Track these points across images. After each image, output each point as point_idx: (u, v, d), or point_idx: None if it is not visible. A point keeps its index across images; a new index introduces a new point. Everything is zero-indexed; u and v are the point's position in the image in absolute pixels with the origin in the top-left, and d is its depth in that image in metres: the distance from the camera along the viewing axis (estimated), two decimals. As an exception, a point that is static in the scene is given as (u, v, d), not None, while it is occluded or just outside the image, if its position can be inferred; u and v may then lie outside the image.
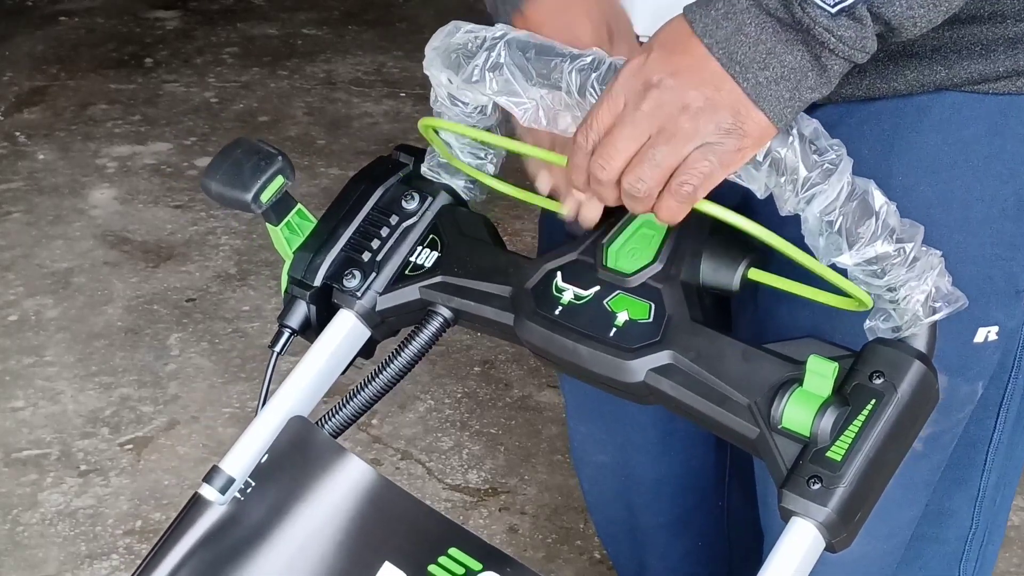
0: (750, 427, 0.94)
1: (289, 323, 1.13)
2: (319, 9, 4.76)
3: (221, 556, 1.03)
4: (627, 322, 1.00)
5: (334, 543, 1.02)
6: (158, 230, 3.32)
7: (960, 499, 1.30)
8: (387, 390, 1.12)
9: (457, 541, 1.00)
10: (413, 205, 1.11)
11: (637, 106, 0.89)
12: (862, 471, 0.90)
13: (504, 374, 2.78)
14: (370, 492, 1.03)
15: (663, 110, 0.88)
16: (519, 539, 2.34)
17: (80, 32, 4.53)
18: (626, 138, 0.90)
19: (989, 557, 1.37)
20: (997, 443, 1.27)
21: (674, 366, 0.98)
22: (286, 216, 1.12)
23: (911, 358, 0.93)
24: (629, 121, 0.89)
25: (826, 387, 0.91)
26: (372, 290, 1.10)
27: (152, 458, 2.52)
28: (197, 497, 1.06)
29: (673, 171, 0.90)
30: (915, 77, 1.06)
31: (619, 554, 1.57)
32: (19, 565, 2.27)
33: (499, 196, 1.14)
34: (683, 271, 1.01)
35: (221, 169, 1.10)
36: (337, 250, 1.11)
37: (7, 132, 3.81)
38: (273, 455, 1.06)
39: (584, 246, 1.04)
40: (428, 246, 1.10)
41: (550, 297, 1.03)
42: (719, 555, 1.54)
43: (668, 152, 0.89)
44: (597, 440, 1.43)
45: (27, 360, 2.80)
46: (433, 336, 1.09)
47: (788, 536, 0.92)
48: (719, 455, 1.45)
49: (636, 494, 1.45)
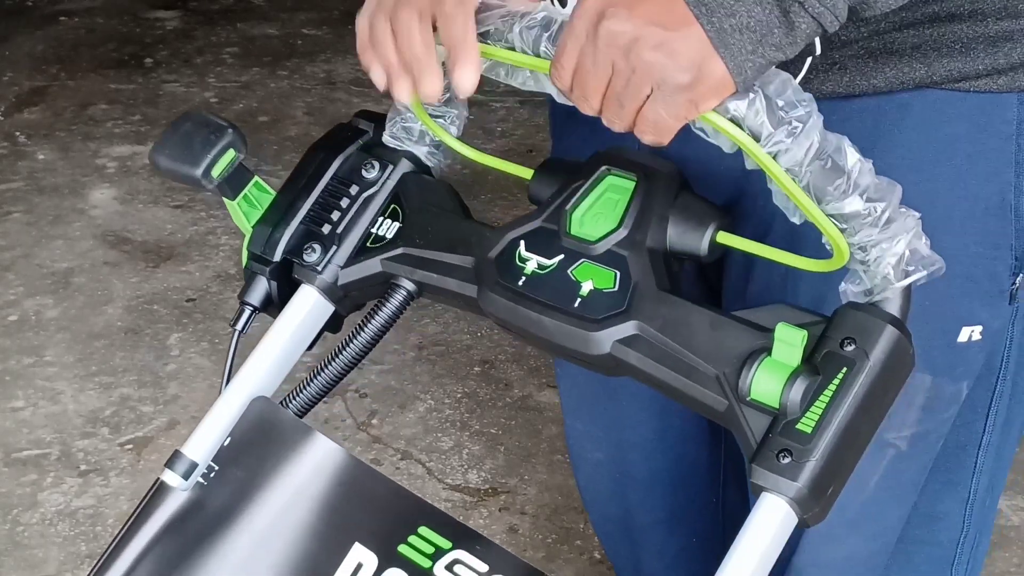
0: (719, 399, 0.91)
1: (250, 300, 1.10)
2: (319, 9, 4.76)
3: (186, 543, 1.01)
4: (592, 292, 0.96)
5: (302, 525, 1.00)
6: (158, 230, 3.32)
7: (951, 502, 1.29)
8: (351, 367, 1.08)
9: (426, 520, 0.98)
10: (374, 174, 1.07)
11: (594, 40, 0.87)
12: (834, 443, 0.87)
13: (504, 374, 2.78)
14: (338, 472, 1.01)
15: (618, 42, 0.87)
16: (519, 539, 2.34)
17: (80, 32, 4.53)
18: (593, 76, 0.88)
19: (980, 558, 1.37)
20: (987, 445, 1.27)
21: (640, 336, 0.94)
22: (242, 189, 1.09)
23: (883, 323, 0.89)
24: (591, 59, 0.88)
25: (795, 356, 0.88)
26: (333, 264, 1.06)
27: (152, 458, 2.52)
28: (159, 483, 1.03)
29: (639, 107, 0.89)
30: (895, 75, 1.06)
31: (616, 551, 1.57)
32: (19, 565, 2.27)
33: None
34: (649, 236, 0.97)
35: (170, 144, 1.07)
36: (296, 223, 1.08)
37: (7, 132, 3.81)
38: (236, 437, 1.03)
39: (547, 213, 1.00)
40: (389, 216, 1.07)
41: (513, 267, 0.99)
42: (715, 552, 1.54)
43: (628, 95, 0.88)
44: (593, 437, 1.43)
45: (27, 360, 2.80)
46: (396, 310, 1.06)
47: (759, 512, 0.89)
48: (714, 452, 1.45)
49: (631, 491, 1.45)
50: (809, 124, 0.87)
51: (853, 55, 1.05)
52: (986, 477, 1.29)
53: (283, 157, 3.62)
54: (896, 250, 0.89)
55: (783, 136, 0.86)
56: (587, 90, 0.89)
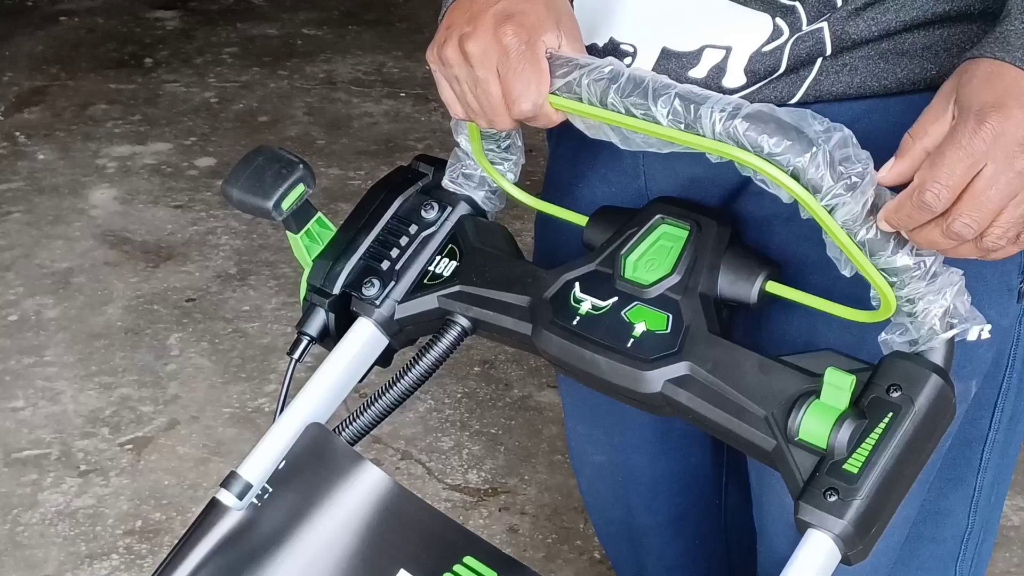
0: (767, 439, 0.94)
1: (308, 331, 1.13)
2: (319, 9, 4.76)
3: (237, 561, 1.03)
4: (645, 333, 0.99)
5: (350, 550, 1.02)
6: (158, 230, 3.32)
7: (956, 498, 1.30)
8: (404, 398, 1.12)
9: (472, 550, 1.00)
10: (432, 215, 1.11)
11: (1012, 165, 0.87)
12: (879, 484, 0.90)
13: (504, 374, 2.78)
14: (386, 500, 1.04)
15: None
16: (519, 539, 2.34)
17: (80, 32, 4.53)
18: (1000, 197, 0.87)
19: (984, 555, 1.37)
20: (992, 441, 1.27)
21: (691, 377, 0.97)
22: (306, 224, 1.13)
23: (929, 372, 0.93)
24: (1003, 179, 0.87)
25: (843, 399, 0.91)
26: (391, 298, 1.10)
27: (152, 458, 2.52)
28: (215, 502, 1.06)
29: None
30: (906, 75, 1.06)
31: (618, 554, 1.57)
32: (19, 565, 2.27)
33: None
34: (701, 283, 1.00)
35: (243, 176, 1.11)
36: (356, 258, 1.12)
37: (7, 132, 3.81)
38: (290, 461, 1.06)
39: (602, 257, 1.04)
40: (447, 255, 1.11)
41: (568, 307, 1.03)
42: (717, 555, 1.54)
43: None
44: (595, 440, 1.43)
45: (27, 360, 2.80)
46: (451, 345, 1.09)
47: (804, 548, 0.92)
48: (716, 455, 1.45)
49: (634, 494, 1.45)
50: (867, 180, 0.89)
51: (864, 56, 1.05)
52: (991, 474, 1.29)
53: (283, 157, 3.62)
54: (942, 303, 0.92)
55: (841, 190, 0.88)
56: (986, 211, 0.88)
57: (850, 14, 1.03)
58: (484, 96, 0.99)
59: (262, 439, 1.09)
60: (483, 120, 1.02)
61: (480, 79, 0.98)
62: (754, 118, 0.88)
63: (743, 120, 0.88)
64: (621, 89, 0.94)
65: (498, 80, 0.98)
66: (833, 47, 1.05)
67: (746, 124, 0.88)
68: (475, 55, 0.97)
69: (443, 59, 1.00)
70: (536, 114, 0.98)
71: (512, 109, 0.98)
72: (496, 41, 0.97)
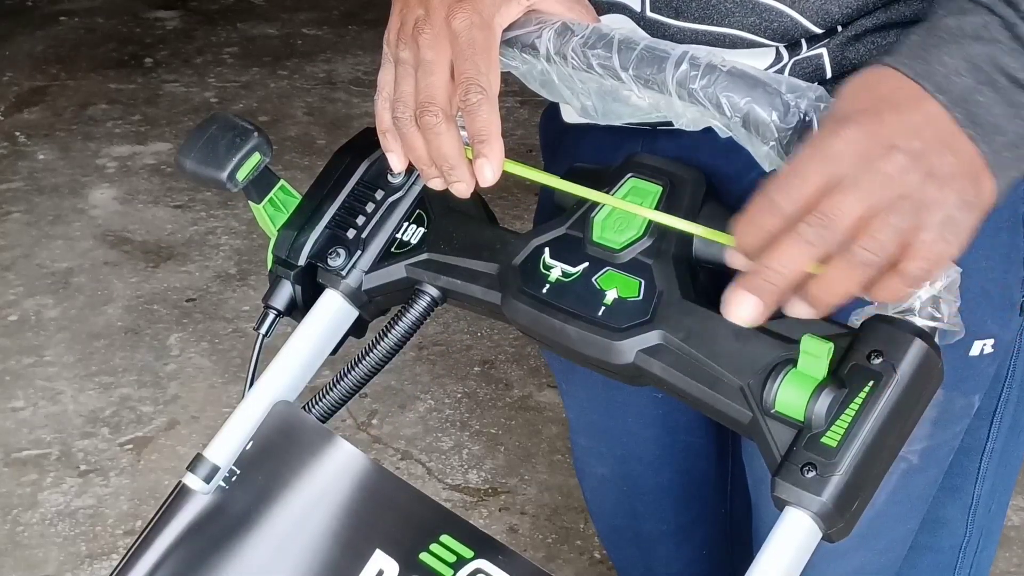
0: (743, 411, 0.90)
1: (274, 304, 1.09)
2: (319, 9, 4.76)
3: (207, 546, 1.01)
4: (616, 300, 0.95)
5: (323, 530, 1.00)
6: (158, 230, 3.32)
7: (954, 508, 1.29)
8: (375, 372, 1.08)
9: (449, 528, 0.97)
10: (399, 179, 1.07)
11: (875, 168, 0.79)
12: (859, 458, 0.85)
13: (504, 374, 2.78)
14: (360, 477, 1.01)
15: (909, 176, 0.79)
16: (519, 539, 2.34)
17: (80, 32, 4.53)
18: (857, 200, 0.79)
19: (984, 565, 1.36)
20: (991, 451, 1.26)
21: (664, 346, 0.93)
22: (268, 193, 1.08)
23: (912, 336, 0.87)
24: (865, 182, 0.79)
25: (821, 368, 0.86)
26: (358, 268, 1.06)
27: (152, 458, 2.52)
28: (181, 486, 1.02)
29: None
30: None
31: (624, 561, 1.57)
32: (19, 565, 2.27)
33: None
34: (675, 245, 0.96)
35: (196, 147, 1.06)
36: (322, 227, 1.07)
37: (7, 132, 3.81)
38: (258, 442, 1.03)
39: (572, 220, 0.99)
40: (415, 221, 1.06)
41: (537, 275, 0.98)
42: (723, 562, 1.54)
43: (912, 223, 0.79)
44: (597, 453, 1.42)
45: (27, 360, 2.80)
46: (421, 316, 1.05)
47: (782, 526, 0.87)
48: (720, 465, 1.44)
49: (639, 503, 1.45)
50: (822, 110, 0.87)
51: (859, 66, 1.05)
52: (989, 483, 1.29)
53: (283, 157, 3.62)
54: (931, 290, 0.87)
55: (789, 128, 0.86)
56: (842, 213, 0.79)
57: (849, 40, 1.03)
58: (436, 145, 0.94)
59: (228, 419, 1.05)
60: (435, 173, 0.98)
61: (431, 125, 0.93)
62: (713, 70, 0.88)
63: (703, 76, 0.89)
64: (586, 39, 0.92)
65: (446, 67, 0.93)
66: (833, 71, 1.04)
67: (704, 80, 0.88)
68: (425, 40, 0.93)
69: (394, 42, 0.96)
70: (488, 156, 0.93)
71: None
72: (446, 26, 0.93)
